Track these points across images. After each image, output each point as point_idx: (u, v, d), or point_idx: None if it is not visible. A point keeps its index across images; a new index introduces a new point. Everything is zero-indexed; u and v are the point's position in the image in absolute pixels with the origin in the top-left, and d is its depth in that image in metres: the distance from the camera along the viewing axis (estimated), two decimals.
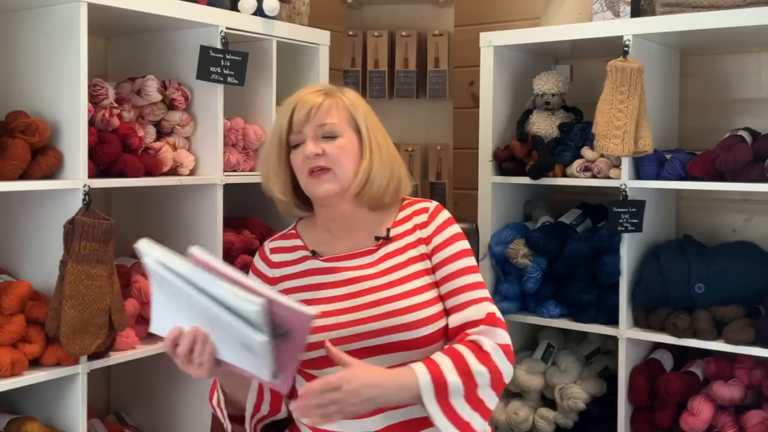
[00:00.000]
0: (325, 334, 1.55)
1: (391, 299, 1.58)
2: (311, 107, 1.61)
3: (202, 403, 2.28)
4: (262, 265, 1.71)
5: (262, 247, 1.74)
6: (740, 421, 2.20)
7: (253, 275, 1.71)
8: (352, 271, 1.63)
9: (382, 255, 1.65)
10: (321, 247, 1.68)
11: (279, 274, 1.68)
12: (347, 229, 1.67)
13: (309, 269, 1.66)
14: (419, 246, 1.66)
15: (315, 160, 1.59)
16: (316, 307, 1.57)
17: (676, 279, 2.28)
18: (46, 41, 1.96)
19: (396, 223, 1.69)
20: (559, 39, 2.47)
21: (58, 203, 1.94)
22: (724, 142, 2.24)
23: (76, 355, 1.89)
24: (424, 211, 1.70)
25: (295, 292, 1.64)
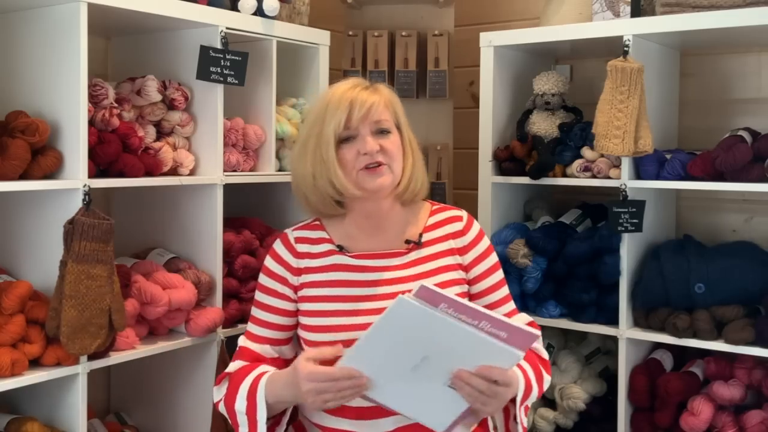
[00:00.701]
0: (350, 334, 1.56)
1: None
2: (370, 105, 1.60)
3: (202, 403, 2.29)
4: (286, 254, 1.67)
5: (285, 235, 1.71)
6: (740, 421, 2.20)
7: (275, 263, 1.67)
8: (381, 273, 1.62)
9: (413, 260, 1.65)
10: (347, 242, 1.66)
11: (303, 265, 1.66)
12: (378, 227, 1.67)
13: (335, 264, 1.64)
14: (453, 256, 1.67)
15: (373, 156, 1.59)
16: (336, 305, 1.59)
17: (676, 279, 2.28)
18: (46, 41, 1.96)
19: (427, 228, 1.69)
20: (559, 39, 2.47)
21: (58, 203, 1.94)
22: (724, 142, 2.24)
23: (76, 355, 1.89)
24: (458, 220, 1.71)
25: (318, 287, 1.62)
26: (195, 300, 2.20)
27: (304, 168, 1.64)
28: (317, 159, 1.61)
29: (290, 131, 2.51)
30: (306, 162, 1.63)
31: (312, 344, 1.60)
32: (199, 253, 2.31)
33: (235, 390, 1.59)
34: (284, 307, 1.66)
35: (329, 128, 1.59)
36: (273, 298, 1.67)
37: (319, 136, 1.61)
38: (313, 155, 1.62)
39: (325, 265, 1.65)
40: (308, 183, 1.64)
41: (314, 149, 1.62)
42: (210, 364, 2.27)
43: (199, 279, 2.23)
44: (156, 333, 2.21)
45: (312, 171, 1.62)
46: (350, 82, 1.65)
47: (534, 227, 2.62)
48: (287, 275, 1.66)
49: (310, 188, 1.64)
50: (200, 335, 2.22)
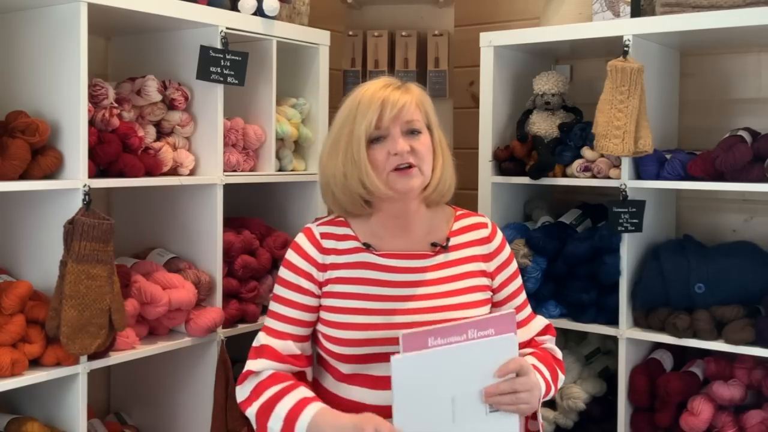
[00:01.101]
0: (373, 332, 1.56)
1: (447, 308, 1.60)
2: (402, 104, 1.59)
3: (202, 403, 2.29)
4: (312, 250, 1.65)
5: (309, 230, 1.68)
6: (740, 421, 2.20)
7: (300, 258, 1.65)
8: (407, 274, 1.62)
9: (439, 263, 1.65)
10: (373, 241, 1.65)
11: (329, 261, 1.64)
12: (404, 227, 1.66)
13: (362, 262, 1.63)
14: (478, 262, 1.68)
15: (404, 156, 1.58)
16: (363, 303, 1.59)
17: (676, 279, 2.28)
18: (46, 41, 1.96)
19: (453, 232, 1.69)
20: (559, 39, 2.47)
21: (58, 203, 1.94)
22: (724, 142, 2.24)
23: (76, 355, 1.89)
24: (483, 227, 1.72)
25: (345, 283, 1.61)
26: (195, 300, 2.20)
27: (335, 167, 1.62)
28: (348, 158, 1.59)
29: (290, 131, 2.51)
30: (337, 161, 1.61)
31: (334, 341, 1.59)
32: (199, 253, 2.31)
33: (270, 406, 1.55)
34: (308, 303, 1.64)
35: (360, 128, 1.58)
36: (297, 293, 1.64)
37: (350, 136, 1.59)
38: (344, 155, 1.60)
39: (351, 262, 1.63)
40: (338, 182, 1.62)
41: (345, 148, 1.60)
42: (210, 364, 2.27)
43: (199, 279, 2.23)
44: (156, 333, 2.21)
45: (343, 170, 1.60)
46: (381, 81, 1.64)
47: (534, 227, 2.62)
48: (312, 270, 1.63)
49: (340, 187, 1.62)
50: (200, 335, 2.22)
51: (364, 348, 1.57)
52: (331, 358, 1.62)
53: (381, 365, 1.56)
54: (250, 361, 1.63)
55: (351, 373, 1.60)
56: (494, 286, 1.71)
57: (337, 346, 1.59)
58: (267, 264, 2.46)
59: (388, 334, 1.56)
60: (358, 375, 1.59)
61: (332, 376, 1.65)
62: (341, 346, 1.58)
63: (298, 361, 1.63)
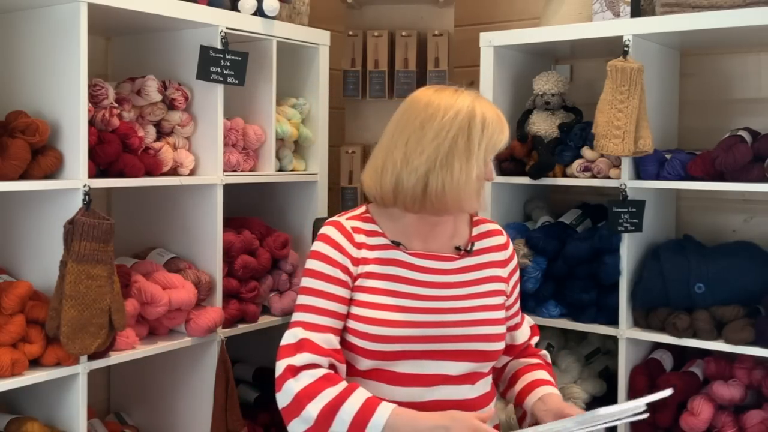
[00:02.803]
0: (401, 330, 1.57)
1: (472, 310, 1.63)
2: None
3: (202, 403, 2.29)
4: (345, 243, 1.63)
5: (339, 224, 1.65)
6: (740, 421, 2.20)
7: (335, 251, 1.62)
8: (434, 275, 1.64)
9: (463, 266, 1.67)
10: (401, 239, 1.66)
11: (361, 256, 1.63)
12: (433, 230, 1.68)
13: (393, 259, 1.63)
14: (495, 268, 1.71)
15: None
16: (392, 299, 1.59)
17: (676, 279, 2.28)
18: (46, 41, 1.96)
19: (473, 238, 1.73)
20: (559, 39, 2.47)
21: (58, 203, 1.94)
22: (724, 142, 2.24)
23: (76, 355, 1.89)
24: (500, 234, 1.77)
25: (376, 279, 1.61)
26: (195, 300, 2.20)
27: (422, 164, 1.57)
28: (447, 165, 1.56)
29: (290, 131, 2.51)
30: (430, 161, 1.57)
31: (361, 335, 1.58)
32: (199, 253, 2.31)
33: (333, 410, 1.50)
34: (344, 295, 1.61)
35: (491, 153, 1.61)
36: (335, 285, 1.61)
37: (467, 151, 1.57)
38: (443, 160, 1.56)
39: (382, 258, 1.63)
40: (417, 179, 1.57)
41: (448, 154, 1.57)
42: (210, 364, 2.27)
43: (199, 279, 2.23)
44: (156, 333, 2.21)
45: (426, 170, 1.57)
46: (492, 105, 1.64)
47: (534, 227, 2.62)
48: (348, 263, 1.62)
49: (410, 183, 1.58)
50: (200, 335, 2.22)
51: (390, 345, 1.57)
52: (352, 352, 1.60)
53: (404, 362, 1.58)
54: (288, 358, 1.55)
55: (371, 368, 1.59)
56: (508, 290, 1.75)
57: (362, 341, 1.58)
58: (267, 264, 2.46)
59: (415, 332, 1.57)
60: (378, 370, 1.59)
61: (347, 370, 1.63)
62: (367, 341, 1.57)
63: (338, 355, 1.59)
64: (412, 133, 1.60)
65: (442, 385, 1.59)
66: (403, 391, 1.58)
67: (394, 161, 1.60)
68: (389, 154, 1.62)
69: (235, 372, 2.48)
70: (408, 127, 1.61)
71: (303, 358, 1.54)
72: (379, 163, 1.63)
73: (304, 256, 2.55)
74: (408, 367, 1.58)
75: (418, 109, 1.62)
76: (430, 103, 1.61)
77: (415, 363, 1.58)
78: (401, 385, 1.58)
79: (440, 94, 1.62)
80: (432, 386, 1.58)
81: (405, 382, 1.58)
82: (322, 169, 2.65)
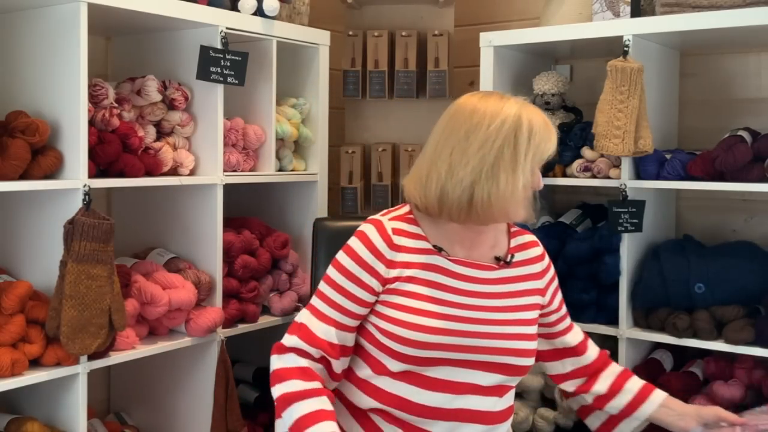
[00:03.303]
0: (438, 337, 1.56)
1: (508, 323, 1.62)
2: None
3: (202, 403, 2.29)
4: (381, 244, 1.61)
5: (380, 223, 1.63)
6: None
7: (367, 251, 1.61)
8: (474, 284, 1.63)
9: (501, 278, 1.66)
10: (443, 245, 1.64)
11: (397, 259, 1.61)
12: (476, 238, 1.66)
13: (435, 265, 1.62)
14: (533, 281, 1.71)
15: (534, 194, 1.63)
16: (433, 306, 1.58)
17: (676, 279, 2.28)
18: (46, 41, 1.96)
19: (512, 249, 1.71)
20: (559, 39, 2.47)
21: (58, 203, 1.94)
22: (724, 142, 2.24)
23: (76, 355, 1.89)
24: (536, 245, 1.77)
25: (415, 283, 1.60)
26: (195, 300, 2.20)
27: (467, 173, 1.55)
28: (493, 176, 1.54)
29: (290, 131, 2.51)
30: (475, 171, 1.54)
31: (395, 338, 1.57)
32: (199, 253, 2.31)
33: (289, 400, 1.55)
34: (364, 297, 1.60)
35: (534, 156, 1.56)
36: (355, 285, 1.60)
37: (514, 161, 1.54)
38: (488, 171, 1.54)
39: (424, 263, 1.61)
40: (463, 188, 1.55)
41: (494, 164, 1.54)
42: (210, 364, 2.27)
43: (199, 279, 2.23)
44: (156, 333, 2.21)
45: (471, 181, 1.54)
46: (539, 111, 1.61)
47: (534, 227, 2.62)
48: (378, 266, 1.60)
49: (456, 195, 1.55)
50: (200, 335, 2.22)
51: (425, 351, 1.56)
52: (384, 354, 1.59)
53: (437, 368, 1.57)
54: (287, 335, 1.62)
55: (403, 371, 1.59)
56: (545, 301, 1.75)
57: (396, 344, 1.57)
58: (267, 264, 2.46)
59: (450, 340, 1.56)
60: (410, 373, 1.59)
61: (372, 368, 1.62)
62: (401, 345, 1.56)
63: (331, 349, 1.59)
64: (456, 144, 1.57)
65: (470, 395, 1.59)
66: (431, 395, 1.57)
67: (438, 172, 1.57)
68: (434, 164, 1.59)
69: (235, 372, 2.48)
70: (453, 137, 1.58)
71: (291, 341, 1.60)
72: (424, 173, 1.60)
73: (304, 256, 2.57)
74: (439, 372, 1.57)
75: (463, 118, 1.59)
76: (476, 111, 1.58)
77: (447, 370, 1.57)
78: (430, 390, 1.58)
79: (486, 102, 1.59)
80: (460, 394, 1.58)
81: (434, 387, 1.58)
82: (322, 169, 2.65)
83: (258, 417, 2.53)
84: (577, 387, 1.81)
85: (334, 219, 2.30)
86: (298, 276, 2.58)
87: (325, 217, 2.47)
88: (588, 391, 1.79)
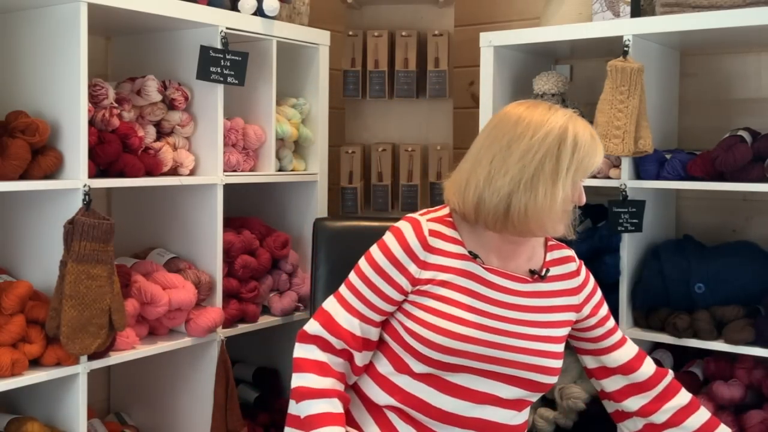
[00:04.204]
0: (464, 345, 1.55)
1: (536, 339, 1.60)
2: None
3: (202, 403, 2.29)
4: (415, 243, 1.60)
5: (417, 222, 1.62)
6: (740, 421, 2.20)
7: (400, 248, 1.60)
8: (507, 295, 1.61)
9: (535, 291, 1.65)
10: (480, 252, 1.63)
11: (431, 261, 1.60)
12: (514, 249, 1.64)
13: (469, 272, 1.61)
14: (567, 297, 1.69)
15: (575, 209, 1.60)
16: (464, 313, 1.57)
17: (676, 279, 2.28)
18: (46, 41, 1.96)
19: (547, 263, 1.69)
20: (559, 39, 2.47)
21: (58, 203, 1.94)
22: (724, 142, 2.24)
23: (76, 355, 1.89)
24: (572, 260, 1.74)
25: (449, 288, 1.59)
26: (195, 300, 2.20)
27: (506, 183, 1.53)
28: (531, 188, 1.52)
29: (290, 131, 2.51)
30: (514, 181, 1.53)
31: (423, 341, 1.56)
32: (199, 253, 2.31)
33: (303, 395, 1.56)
34: (392, 294, 1.60)
35: (576, 174, 1.54)
36: (384, 281, 1.60)
37: (555, 173, 1.52)
38: (527, 182, 1.52)
39: (459, 268, 1.60)
40: (492, 198, 1.54)
41: (533, 176, 1.52)
42: (210, 364, 2.27)
43: (199, 279, 2.23)
44: (156, 333, 2.21)
45: (509, 191, 1.53)
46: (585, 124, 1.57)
47: None
48: (410, 265, 1.59)
49: (492, 203, 1.54)
50: (200, 335, 2.22)
51: (451, 357, 1.55)
52: (408, 354, 1.59)
53: (459, 375, 1.57)
54: (311, 320, 1.62)
55: (425, 373, 1.58)
56: (583, 316, 1.72)
57: (423, 346, 1.56)
58: (267, 264, 2.46)
59: (477, 349, 1.55)
60: (432, 376, 1.58)
61: (394, 366, 1.62)
62: (428, 348, 1.56)
63: (354, 341, 1.59)
64: (498, 152, 1.56)
65: (489, 405, 1.58)
66: (449, 401, 1.57)
67: (477, 179, 1.56)
68: (474, 170, 1.58)
69: (235, 372, 2.48)
70: (495, 145, 1.57)
71: (314, 327, 1.60)
72: (464, 178, 1.60)
73: (304, 256, 2.57)
74: (462, 379, 1.57)
75: (507, 126, 1.57)
76: (520, 120, 1.56)
77: (470, 378, 1.57)
78: (449, 395, 1.57)
79: (532, 111, 1.57)
80: (480, 404, 1.58)
81: (454, 393, 1.57)
82: (322, 169, 2.65)
83: (258, 417, 2.53)
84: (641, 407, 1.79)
85: (334, 219, 2.30)
86: (298, 276, 2.58)
87: (325, 217, 2.47)
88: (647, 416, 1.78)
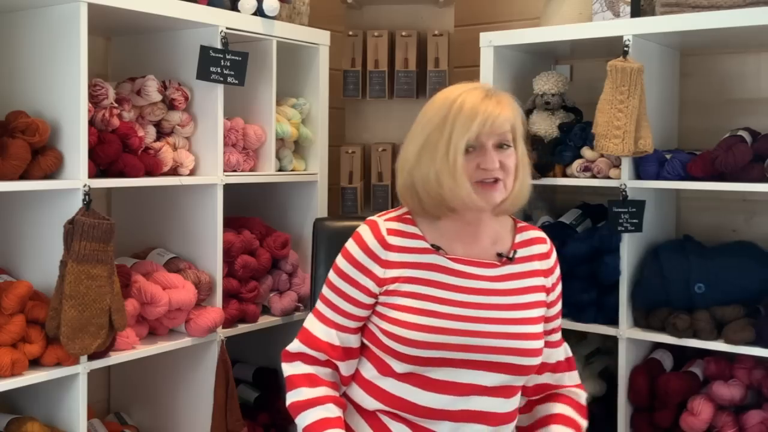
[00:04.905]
0: (437, 336, 1.54)
1: (512, 322, 1.59)
2: (501, 120, 1.55)
3: (202, 403, 2.29)
4: (374, 244, 1.61)
5: (375, 224, 1.63)
6: (740, 421, 2.20)
7: (361, 252, 1.61)
8: (475, 281, 1.60)
9: (504, 274, 1.64)
10: (441, 244, 1.63)
11: (393, 259, 1.60)
12: (474, 234, 1.64)
13: (434, 264, 1.60)
14: (539, 277, 1.68)
15: (492, 172, 1.56)
16: (435, 306, 1.57)
17: (676, 279, 2.28)
18: (46, 41, 1.96)
19: (516, 245, 1.68)
20: (559, 39, 2.47)
21: (58, 203, 1.94)
22: (724, 142, 2.24)
23: (76, 355, 1.89)
24: (543, 242, 1.73)
25: (414, 283, 1.59)
26: (195, 300, 2.20)
27: (427, 171, 1.56)
28: (444, 166, 1.54)
29: (290, 131, 2.51)
30: (430, 166, 1.56)
31: (398, 339, 1.56)
32: (199, 253, 2.31)
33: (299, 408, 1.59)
34: (360, 298, 1.61)
35: (461, 139, 1.53)
36: (351, 286, 1.61)
37: (448, 144, 1.54)
38: (441, 161, 1.54)
39: (422, 262, 1.60)
40: (430, 187, 1.56)
41: (443, 155, 1.54)
42: (210, 364, 2.27)
43: (199, 279, 2.23)
44: (156, 333, 2.21)
45: (437, 176, 1.55)
46: (479, 92, 1.57)
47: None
48: (373, 267, 1.60)
49: (430, 191, 1.57)
50: (200, 335, 2.22)
51: (429, 351, 1.55)
52: (388, 355, 1.59)
53: (441, 369, 1.56)
54: (294, 341, 1.66)
55: (407, 372, 1.58)
56: (548, 301, 1.71)
57: (399, 345, 1.56)
58: (267, 264, 2.46)
59: (454, 339, 1.55)
60: (414, 375, 1.58)
61: (378, 370, 1.62)
62: (404, 346, 1.56)
63: (333, 351, 1.61)
64: (410, 136, 1.62)
65: (475, 396, 1.57)
66: (436, 397, 1.57)
67: (404, 167, 1.62)
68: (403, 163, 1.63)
69: (235, 372, 2.48)
70: (411, 131, 1.63)
71: (295, 345, 1.64)
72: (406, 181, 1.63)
73: (304, 256, 2.57)
74: (443, 374, 1.56)
75: (421, 111, 1.63)
76: (431, 101, 1.61)
77: (450, 371, 1.56)
78: (435, 392, 1.57)
79: (445, 91, 1.61)
80: (464, 396, 1.57)
81: (439, 389, 1.56)
82: (322, 169, 2.65)
83: (258, 417, 2.53)
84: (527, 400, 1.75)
85: (334, 219, 2.30)
86: (298, 276, 2.58)
87: (325, 217, 2.47)
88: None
